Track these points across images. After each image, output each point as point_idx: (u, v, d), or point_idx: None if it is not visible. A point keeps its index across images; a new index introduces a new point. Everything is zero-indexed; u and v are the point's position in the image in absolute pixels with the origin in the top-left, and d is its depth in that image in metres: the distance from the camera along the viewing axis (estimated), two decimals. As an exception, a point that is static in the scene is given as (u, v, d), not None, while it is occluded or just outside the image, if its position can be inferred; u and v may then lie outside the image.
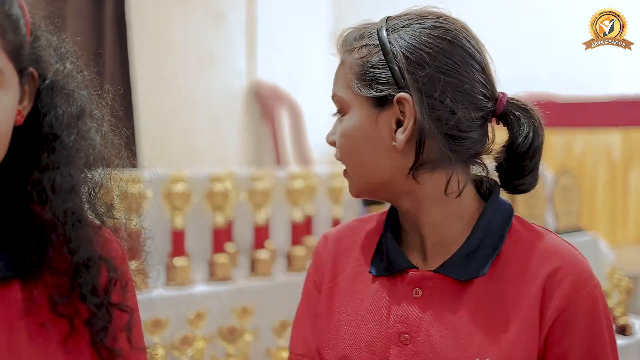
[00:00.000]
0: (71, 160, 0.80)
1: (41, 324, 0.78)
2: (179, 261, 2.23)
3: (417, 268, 0.93)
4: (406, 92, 0.87)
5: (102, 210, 0.85)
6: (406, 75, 0.87)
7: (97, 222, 0.84)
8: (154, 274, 2.22)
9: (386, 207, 0.99)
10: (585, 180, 4.81)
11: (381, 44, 0.89)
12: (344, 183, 2.85)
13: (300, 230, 2.62)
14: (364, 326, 0.94)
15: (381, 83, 0.89)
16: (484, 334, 0.87)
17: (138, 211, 2.17)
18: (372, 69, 0.89)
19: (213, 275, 2.31)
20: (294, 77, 4.75)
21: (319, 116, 5.09)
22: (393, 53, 0.88)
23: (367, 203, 2.87)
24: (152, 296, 2.12)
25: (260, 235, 2.48)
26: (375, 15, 0.96)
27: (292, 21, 4.78)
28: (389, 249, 0.95)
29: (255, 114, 4.53)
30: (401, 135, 0.88)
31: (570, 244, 0.92)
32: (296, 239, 2.59)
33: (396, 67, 0.88)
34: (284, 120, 4.55)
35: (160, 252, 2.37)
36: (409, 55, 0.88)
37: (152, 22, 3.76)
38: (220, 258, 2.32)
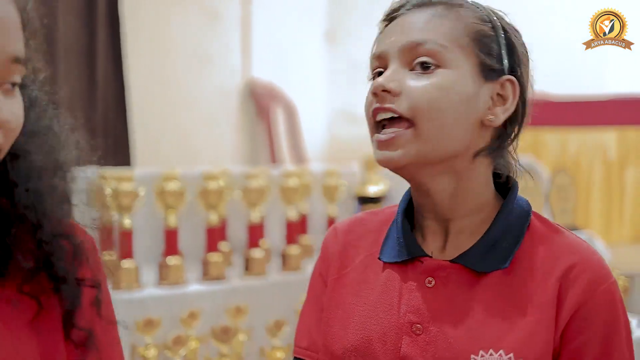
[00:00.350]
0: (35, 148, 0.79)
1: (8, 303, 0.78)
2: (172, 260, 2.21)
3: (429, 256, 0.91)
4: (513, 75, 0.89)
5: (68, 203, 0.84)
6: (517, 60, 0.90)
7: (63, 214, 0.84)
8: (146, 273, 2.19)
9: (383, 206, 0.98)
10: (580, 179, 4.80)
11: (493, 21, 0.90)
12: (339, 181, 2.85)
13: (295, 229, 2.61)
14: (374, 316, 0.91)
15: (492, 55, 0.89)
16: (498, 326, 0.86)
17: (130, 209, 2.16)
18: (486, 38, 0.88)
19: (207, 274, 2.29)
20: (290, 75, 4.72)
21: (314, 115, 5.06)
22: (506, 35, 0.90)
23: (363, 202, 2.85)
24: (145, 295, 2.11)
25: (255, 233, 2.46)
26: (372, 14, 0.94)
27: (288, 19, 4.76)
28: (402, 235, 0.93)
29: (251, 113, 4.51)
30: (502, 115, 0.89)
31: (587, 242, 0.92)
32: (291, 238, 2.57)
33: (510, 49, 0.90)
34: (280, 119, 4.53)
35: (154, 251, 2.37)
36: (515, 44, 0.91)
37: (146, 20, 3.73)
38: (214, 257, 2.31)
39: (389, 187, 2.86)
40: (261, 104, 4.46)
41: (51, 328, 0.80)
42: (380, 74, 0.90)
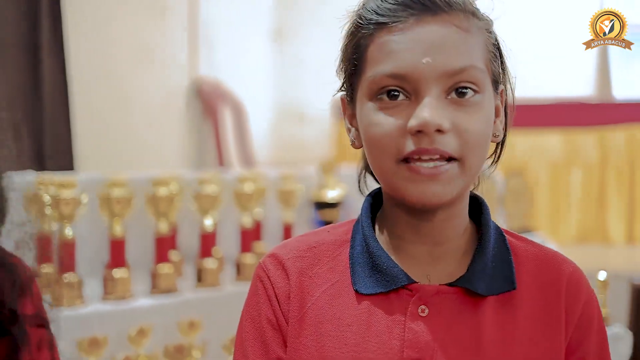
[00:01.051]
0: None
1: None
2: (118, 272, 2.07)
3: (417, 283, 0.83)
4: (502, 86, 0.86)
5: None
6: (504, 66, 0.86)
7: None
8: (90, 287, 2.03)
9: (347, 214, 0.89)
10: (528, 181, 4.89)
11: (493, 30, 0.85)
12: (295, 186, 2.75)
13: (250, 236, 2.50)
14: (362, 357, 0.80)
15: (497, 67, 0.84)
16: (513, 348, 0.81)
17: (72, 218, 2.01)
18: (495, 50, 0.83)
19: (156, 287, 2.16)
20: (238, 74, 4.61)
21: (263, 115, 4.96)
22: (500, 46, 0.85)
23: (320, 207, 2.76)
24: (89, 312, 1.96)
25: (207, 242, 2.35)
26: (320, 11, 0.85)
27: (236, 16, 4.64)
28: (383, 262, 0.82)
29: (197, 112, 4.37)
30: (501, 127, 0.85)
31: None
32: (245, 246, 2.47)
33: (502, 60, 0.85)
34: (227, 119, 4.41)
35: (98, 263, 2.22)
36: (502, 50, 0.86)
37: (89, 14, 3.56)
38: (164, 268, 2.18)
39: (346, 191, 2.78)
40: (208, 103, 4.33)
41: None
42: (391, 93, 0.79)
